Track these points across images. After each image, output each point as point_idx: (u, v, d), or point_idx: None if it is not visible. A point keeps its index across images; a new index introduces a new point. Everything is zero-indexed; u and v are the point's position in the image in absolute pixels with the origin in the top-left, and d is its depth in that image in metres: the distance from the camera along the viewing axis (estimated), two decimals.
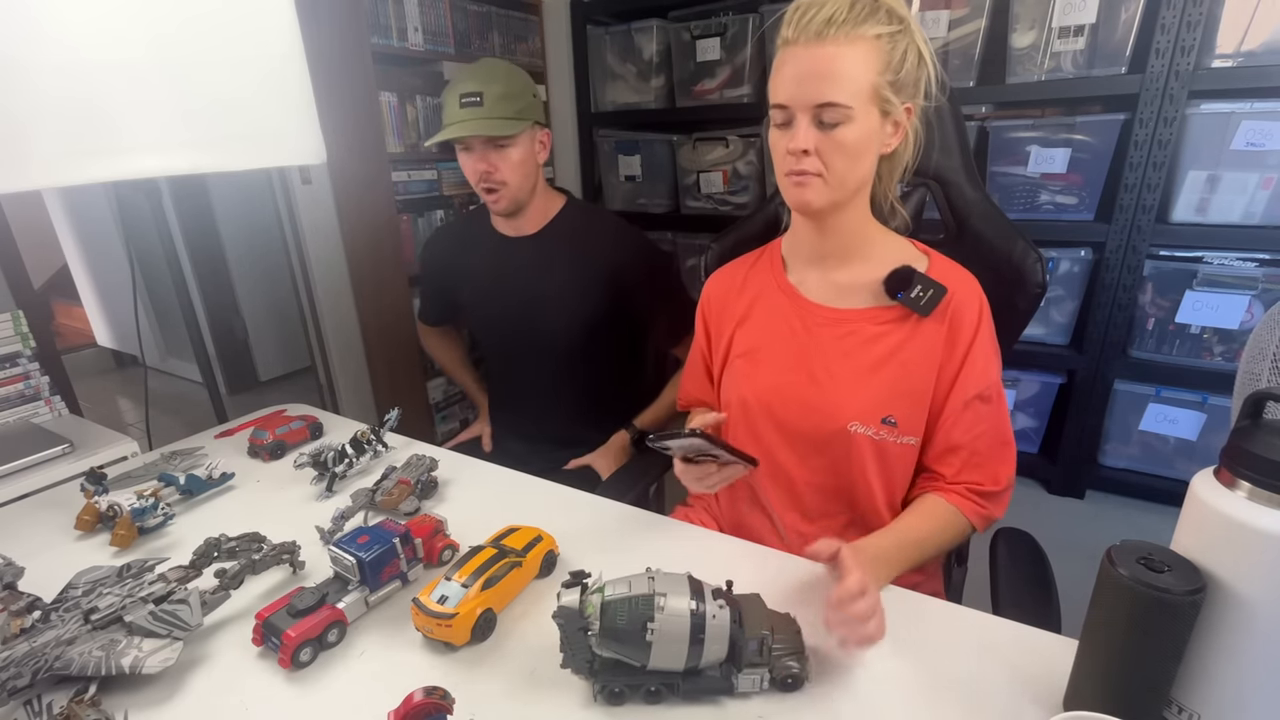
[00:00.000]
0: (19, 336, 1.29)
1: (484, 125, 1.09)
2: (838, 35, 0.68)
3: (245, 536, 0.75)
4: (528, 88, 1.15)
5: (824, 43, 0.69)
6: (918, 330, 0.78)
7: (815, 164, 0.73)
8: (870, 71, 0.69)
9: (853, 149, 0.72)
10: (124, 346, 3.48)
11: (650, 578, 0.54)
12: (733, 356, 0.89)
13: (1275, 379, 0.71)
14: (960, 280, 0.79)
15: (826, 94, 0.69)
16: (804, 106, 0.71)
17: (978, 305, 0.78)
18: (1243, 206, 1.25)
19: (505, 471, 0.98)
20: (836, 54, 0.69)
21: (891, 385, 0.78)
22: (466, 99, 1.10)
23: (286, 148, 0.99)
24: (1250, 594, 0.43)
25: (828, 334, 0.82)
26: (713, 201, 1.84)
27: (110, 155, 0.81)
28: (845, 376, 0.80)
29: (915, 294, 0.77)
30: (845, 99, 0.69)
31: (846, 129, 0.71)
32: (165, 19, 0.81)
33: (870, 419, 0.78)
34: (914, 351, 0.78)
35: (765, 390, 0.84)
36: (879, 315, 0.80)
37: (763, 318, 0.87)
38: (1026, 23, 1.34)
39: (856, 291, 0.82)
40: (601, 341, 1.25)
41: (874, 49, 0.69)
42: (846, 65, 0.69)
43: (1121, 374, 1.41)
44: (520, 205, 1.19)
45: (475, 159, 1.13)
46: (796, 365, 0.83)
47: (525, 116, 1.13)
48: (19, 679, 0.54)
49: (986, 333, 0.78)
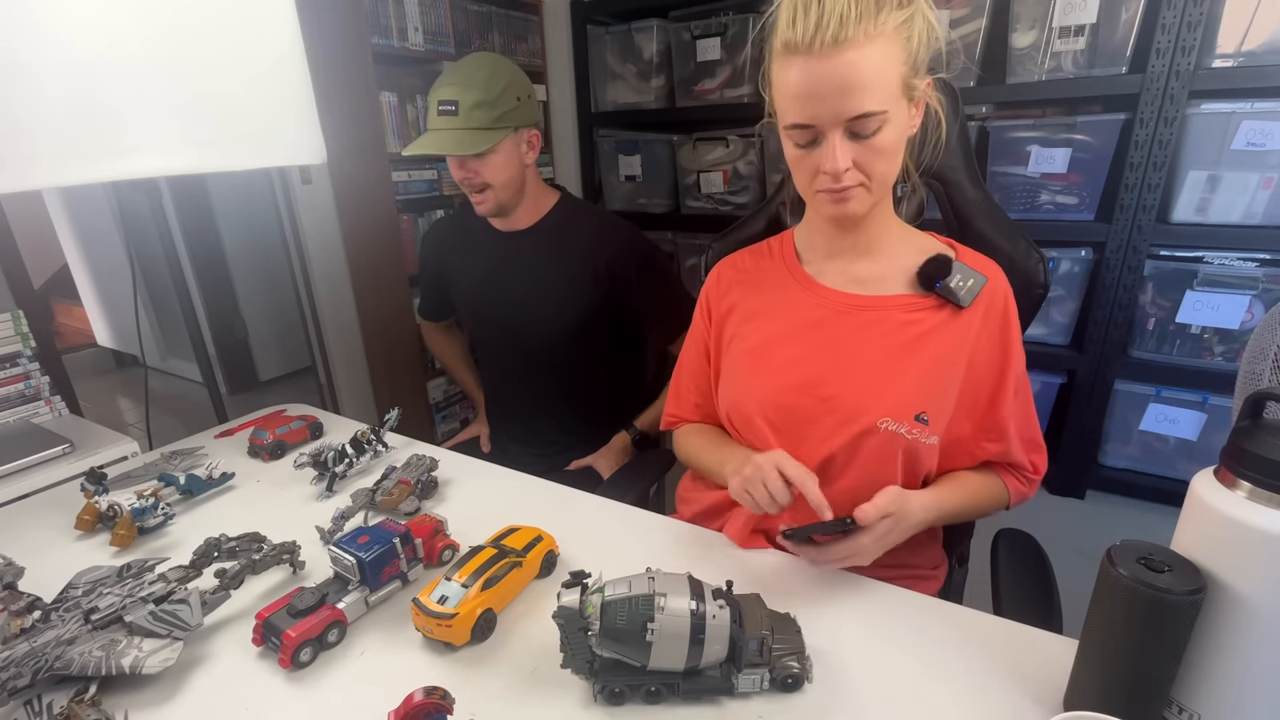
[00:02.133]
0: (19, 336, 1.29)
1: (454, 140, 1.09)
2: (855, 36, 0.61)
3: (245, 536, 0.75)
4: (511, 89, 1.11)
5: (841, 48, 0.61)
6: (952, 321, 0.74)
7: (857, 176, 0.68)
8: (897, 65, 0.63)
9: (892, 150, 0.68)
10: (124, 346, 3.48)
11: (650, 578, 0.54)
12: (738, 352, 0.83)
13: (1276, 379, 0.70)
14: (992, 270, 0.77)
15: (859, 105, 0.63)
16: (834, 123, 0.64)
17: (1010, 295, 0.77)
18: (1243, 206, 1.25)
19: (505, 471, 0.97)
20: (859, 59, 0.61)
21: (924, 377, 0.73)
22: (443, 107, 1.09)
23: (286, 148, 0.99)
24: (1250, 594, 0.43)
25: (853, 321, 0.77)
26: (713, 201, 1.84)
27: (110, 155, 0.81)
28: (872, 366, 0.74)
29: (955, 283, 0.73)
30: (880, 105, 0.63)
31: (884, 133, 0.65)
32: (165, 19, 0.81)
33: (903, 415, 0.72)
34: (946, 343, 0.74)
35: (783, 389, 0.78)
36: (909, 303, 0.76)
37: (777, 312, 0.82)
38: (1027, 23, 1.34)
39: (880, 281, 0.78)
40: (594, 337, 1.25)
41: (894, 41, 0.63)
42: (873, 69, 0.62)
43: (1122, 374, 1.41)
44: (505, 207, 1.19)
45: (455, 164, 1.14)
46: (816, 356, 0.77)
47: (503, 124, 1.10)
48: (19, 679, 0.54)
49: (1018, 321, 0.77)
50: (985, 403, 0.76)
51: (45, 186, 0.80)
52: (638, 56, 1.84)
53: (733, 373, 0.84)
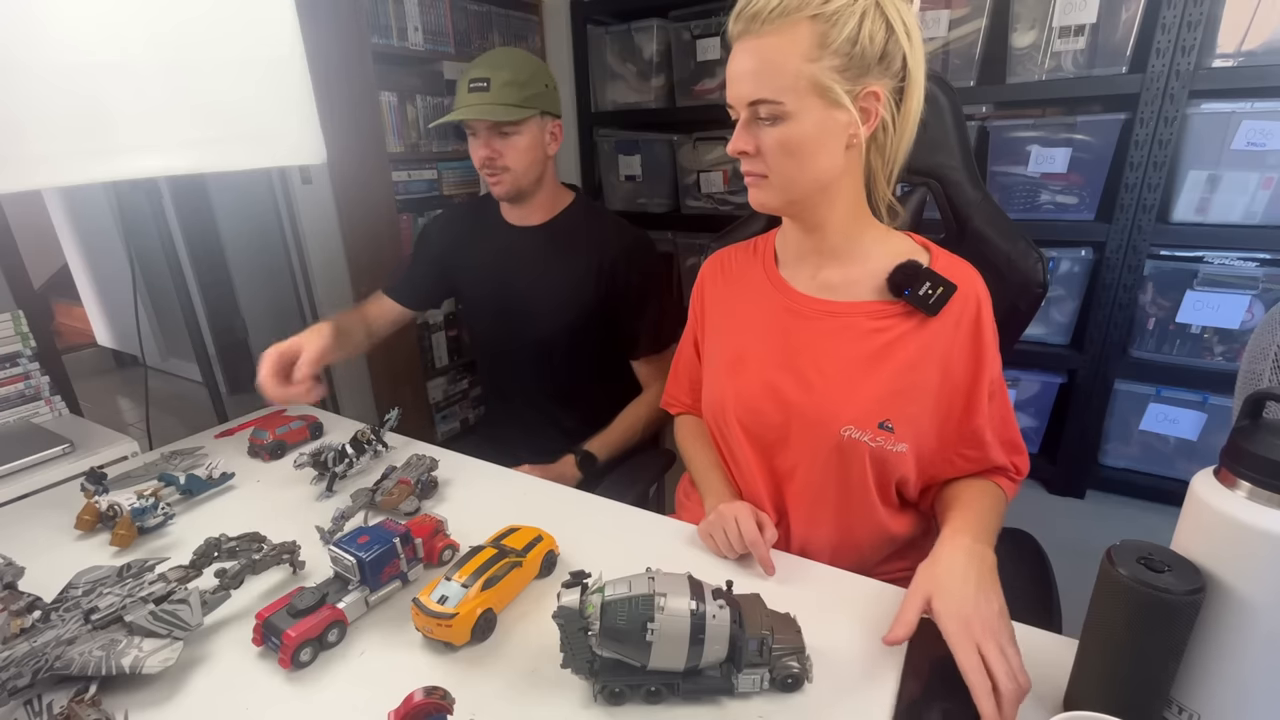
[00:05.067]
0: (19, 336, 1.29)
1: (486, 110, 1.09)
2: (766, 27, 0.63)
3: (245, 536, 0.75)
4: (539, 77, 1.14)
5: (756, 35, 0.64)
6: (921, 328, 0.73)
7: (758, 165, 0.69)
8: (799, 59, 0.63)
9: (795, 147, 0.67)
10: (124, 346, 3.48)
11: (650, 578, 0.54)
12: (716, 348, 0.86)
13: (1276, 379, 0.70)
14: (967, 276, 0.75)
15: (754, 90, 0.65)
16: (740, 105, 0.68)
17: (985, 300, 0.75)
18: (1243, 206, 1.25)
19: (505, 471, 0.97)
20: (764, 45, 0.64)
21: (889, 385, 0.73)
22: (474, 84, 1.10)
23: (286, 148, 0.99)
24: (1250, 594, 0.43)
25: (819, 327, 0.77)
26: (713, 201, 1.84)
27: (110, 155, 0.81)
28: (837, 375, 0.75)
29: (924, 291, 0.72)
30: (773, 94, 0.64)
31: (785, 127, 0.66)
32: (165, 20, 0.81)
33: (866, 423, 0.72)
34: (916, 350, 0.73)
35: (753, 394, 0.79)
36: (877, 310, 0.75)
37: (751, 312, 0.83)
38: (1027, 22, 1.34)
39: (850, 287, 0.77)
40: (596, 336, 1.25)
41: (807, 33, 0.63)
42: (773, 56, 0.64)
43: (1122, 374, 1.41)
44: (522, 192, 1.19)
45: (480, 144, 1.13)
46: (784, 363, 0.78)
47: (532, 105, 1.12)
48: (19, 679, 0.54)
49: (993, 324, 0.75)
50: (960, 410, 0.75)
51: (45, 186, 0.81)
52: (638, 56, 1.84)
53: (713, 371, 0.86)
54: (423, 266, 1.34)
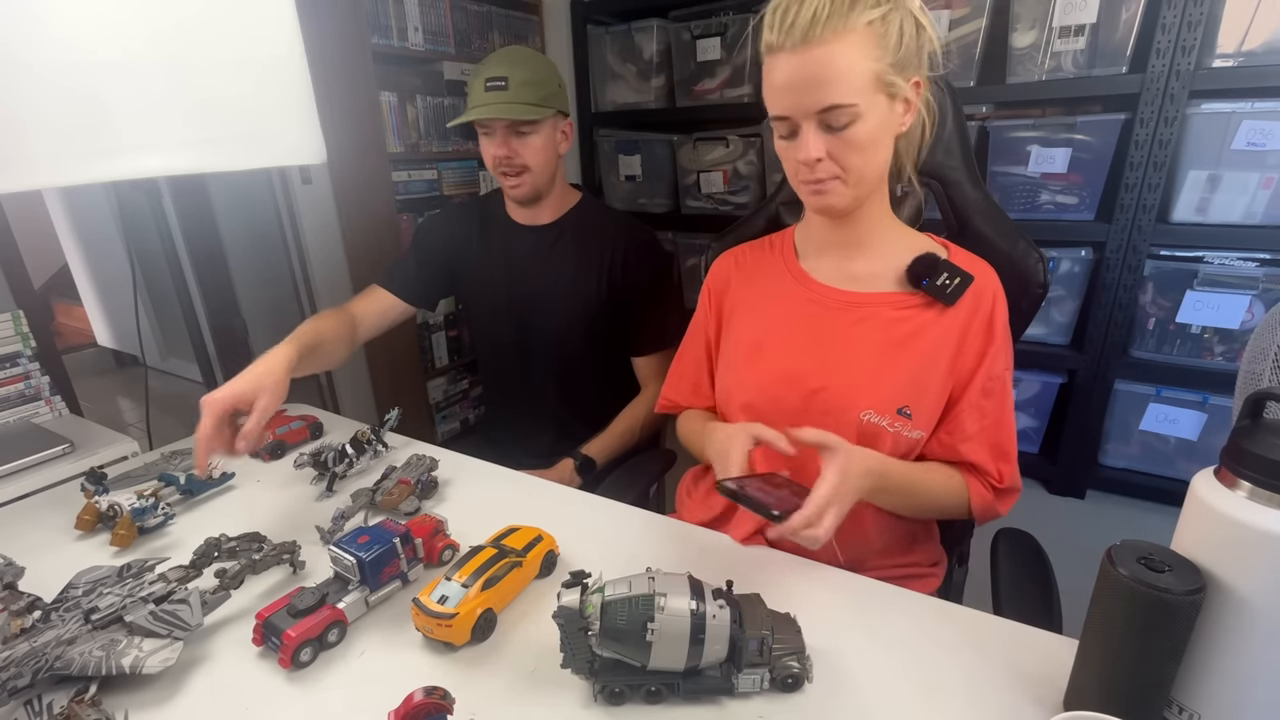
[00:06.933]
0: (19, 336, 1.29)
1: (506, 109, 1.09)
2: (825, 33, 0.64)
3: (245, 536, 0.75)
4: (553, 76, 1.15)
5: (812, 44, 0.65)
6: (939, 319, 0.76)
7: (831, 168, 0.70)
8: (868, 60, 0.66)
9: (868, 144, 0.69)
10: (124, 346, 3.48)
11: (650, 578, 0.54)
12: (734, 342, 0.86)
13: (1276, 379, 0.70)
14: (983, 270, 0.77)
15: (827, 98, 0.66)
16: (806, 114, 0.68)
17: (1000, 297, 0.77)
18: (1243, 206, 1.25)
19: (505, 471, 0.97)
20: (828, 53, 0.65)
21: (909, 373, 0.75)
22: (491, 83, 1.10)
23: (286, 148, 0.99)
24: (1250, 594, 0.43)
25: (842, 318, 0.79)
26: (713, 201, 1.84)
27: (110, 155, 0.81)
28: (860, 362, 0.77)
29: (941, 281, 0.74)
30: (848, 98, 0.66)
31: (857, 127, 0.68)
32: (165, 19, 0.81)
33: (885, 408, 0.75)
34: (933, 340, 0.76)
35: (772, 381, 0.81)
36: (898, 300, 0.78)
37: (771, 305, 0.84)
38: (1027, 23, 1.34)
39: (873, 279, 0.80)
40: (602, 333, 1.25)
41: (868, 37, 0.65)
42: (842, 62, 0.65)
43: (1122, 374, 1.41)
44: (540, 193, 1.19)
45: (496, 144, 1.13)
46: (806, 350, 0.80)
47: (549, 104, 1.12)
48: (19, 679, 0.54)
49: (1006, 324, 0.77)
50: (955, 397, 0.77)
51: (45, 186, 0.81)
52: (638, 56, 1.83)
53: (729, 362, 0.87)
54: (423, 261, 1.30)
